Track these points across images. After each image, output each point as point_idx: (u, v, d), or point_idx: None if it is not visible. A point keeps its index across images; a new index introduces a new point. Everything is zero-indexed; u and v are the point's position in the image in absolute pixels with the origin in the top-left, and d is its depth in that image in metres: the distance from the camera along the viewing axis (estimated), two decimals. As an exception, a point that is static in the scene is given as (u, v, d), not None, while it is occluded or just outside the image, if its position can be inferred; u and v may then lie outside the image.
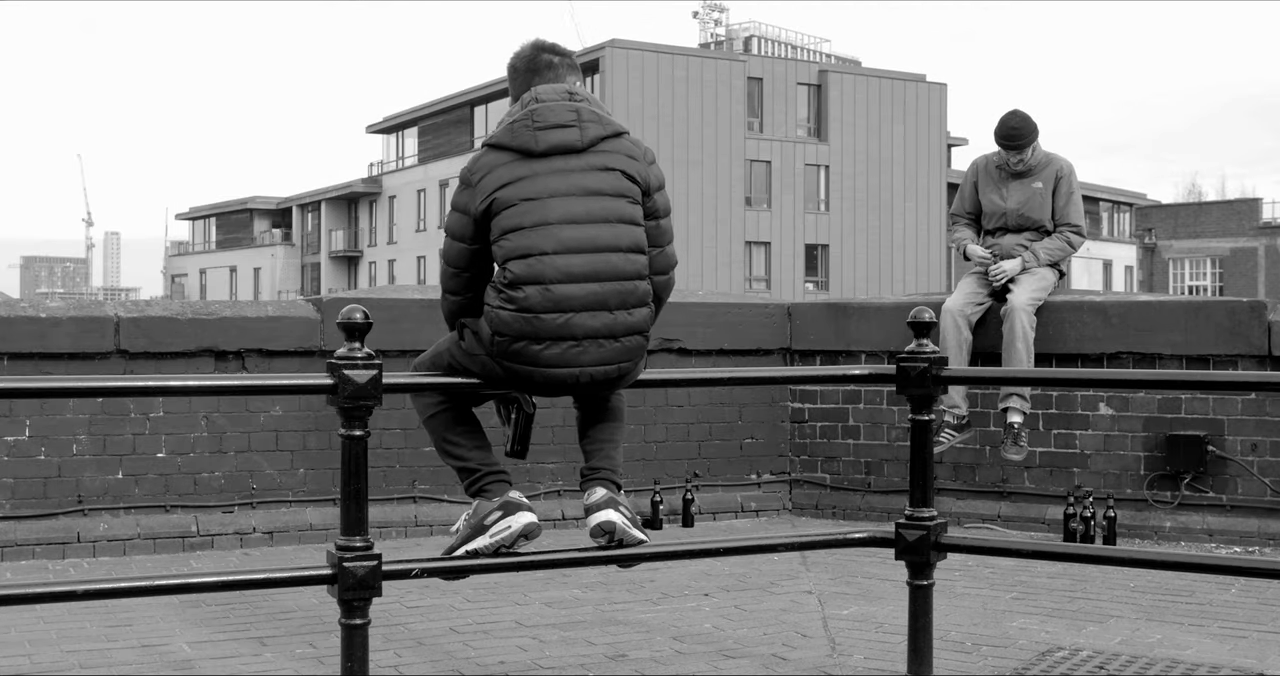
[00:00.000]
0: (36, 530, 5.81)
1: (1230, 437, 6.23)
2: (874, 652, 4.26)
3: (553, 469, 6.72)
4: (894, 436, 6.92)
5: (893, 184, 50.39)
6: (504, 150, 3.70)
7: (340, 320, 3.29)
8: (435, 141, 56.25)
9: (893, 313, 6.84)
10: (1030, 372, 6.23)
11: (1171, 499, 6.35)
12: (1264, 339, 6.18)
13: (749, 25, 55.02)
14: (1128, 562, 4.08)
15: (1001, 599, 5.05)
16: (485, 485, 3.77)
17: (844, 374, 5.25)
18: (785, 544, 4.25)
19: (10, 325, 5.78)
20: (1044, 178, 6.55)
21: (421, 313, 6.27)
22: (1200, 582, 5.26)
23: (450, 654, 4.26)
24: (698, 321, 6.97)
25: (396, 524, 6.39)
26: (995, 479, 6.73)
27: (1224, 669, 4.05)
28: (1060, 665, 4.08)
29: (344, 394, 3.22)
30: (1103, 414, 6.50)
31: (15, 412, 5.80)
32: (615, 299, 3.65)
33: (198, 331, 6.06)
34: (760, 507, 7.08)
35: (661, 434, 6.98)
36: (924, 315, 3.85)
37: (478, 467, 3.82)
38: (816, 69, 50.33)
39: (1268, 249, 43.68)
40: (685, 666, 4.11)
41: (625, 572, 5.47)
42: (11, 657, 4.17)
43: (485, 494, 3.75)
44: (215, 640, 4.39)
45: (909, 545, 3.79)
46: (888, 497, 6.86)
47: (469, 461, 3.84)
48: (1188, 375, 5.68)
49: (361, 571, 3.22)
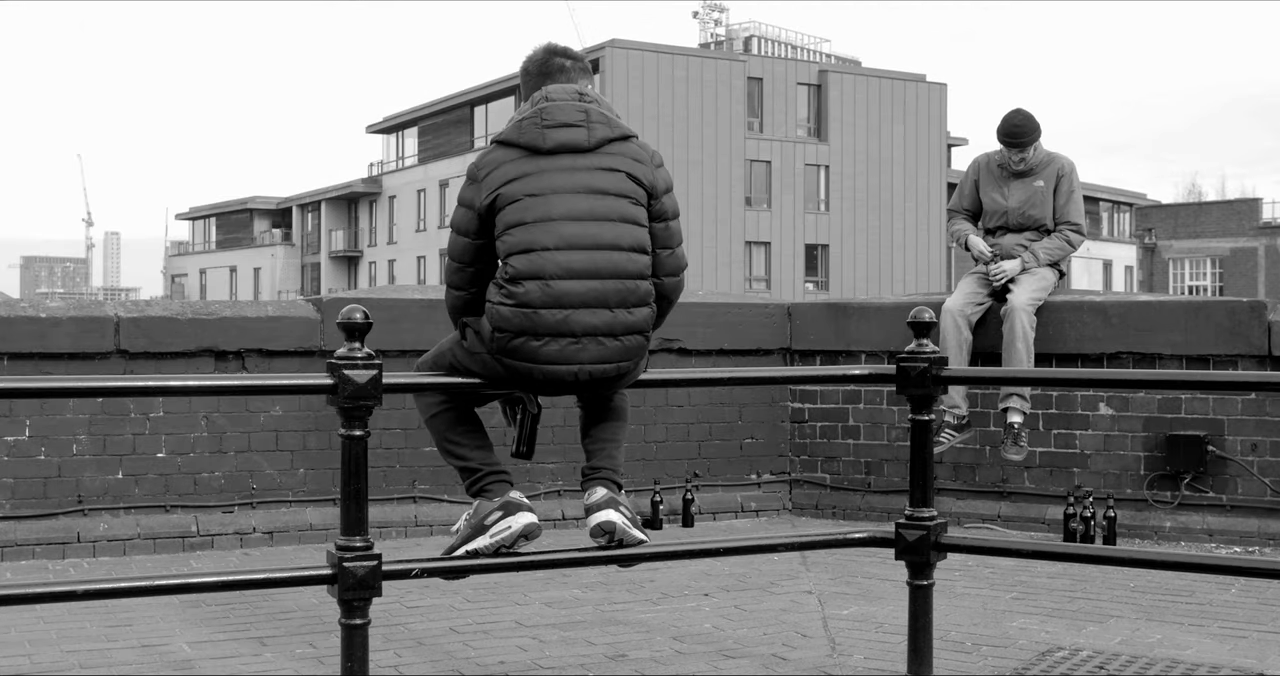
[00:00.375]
0: (36, 530, 5.81)
1: (1230, 437, 6.23)
2: (874, 652, 4.26)
3: (553, 469, 6.72)
4: (894, 436, 6.92)
5: (893, 184, 50.39)
6: (511, 147, 3.71)
7: (340, 320, 3.30)
8: (435, 141, 56.25)
9: (893, 312, 6.85)
10: (1030, 372, 6.23)
11: (1171, 499, 6.35)
12: (1264, 339, 6.18)
13: (749, 25, 55.03)
14: (1128, 562, 4.08)
15: (1001, 599, 5.05)
16: (486, 485, 3.78)
17: (844, 374, 5.25)
18: (785, 544, 4.25)
19: (10, 325, 5.78)
20: (1045, 176, 6.55)
21: (421, 313, 6.27)
22: (1200, 582, 5.26)
23: (450, 654, 4.26)
24: (698, 321, 6.97)
25: (396, 524, 6.39)
26: (995, 479, 6.73)
27: (1224, 669, 4.05)
28: (1060, 665, 4.08)
29: (344, 394, 3.22)
30: (1103, 414, 6.50)
31: (15, 412, 5.80)
32: (615, 297, 3.65)
33: (198, 331, 6.06)
34: (760, 507, 7.08)
35: (661, 434, 6.98)
36: (924, 315, 3.85)
37: (479, 467, 3.82)
38: (816, 69, 50.33)
39: (1268, 249, 43.69)
40: (685, 666, 4.11)
41: (625, 572, 5.47)
42: (11, 657, 4.17)
43: (486, 494, 3.75)
44: (215, 640, 4.39)
45: (909, 545, 3.79)
46: (888, 497, 6.86)
47: (470, 461, 3.84)
48: (1188, 375, 5.68)
49: (361, 571, 3.22)
